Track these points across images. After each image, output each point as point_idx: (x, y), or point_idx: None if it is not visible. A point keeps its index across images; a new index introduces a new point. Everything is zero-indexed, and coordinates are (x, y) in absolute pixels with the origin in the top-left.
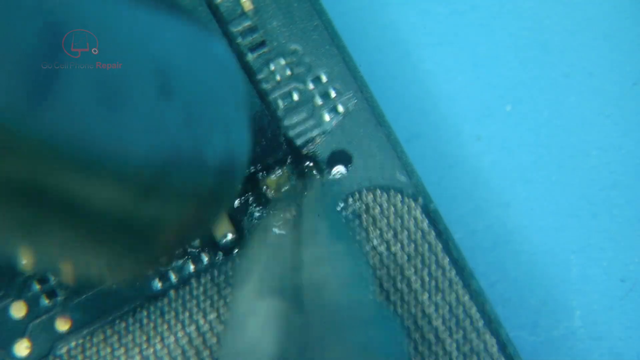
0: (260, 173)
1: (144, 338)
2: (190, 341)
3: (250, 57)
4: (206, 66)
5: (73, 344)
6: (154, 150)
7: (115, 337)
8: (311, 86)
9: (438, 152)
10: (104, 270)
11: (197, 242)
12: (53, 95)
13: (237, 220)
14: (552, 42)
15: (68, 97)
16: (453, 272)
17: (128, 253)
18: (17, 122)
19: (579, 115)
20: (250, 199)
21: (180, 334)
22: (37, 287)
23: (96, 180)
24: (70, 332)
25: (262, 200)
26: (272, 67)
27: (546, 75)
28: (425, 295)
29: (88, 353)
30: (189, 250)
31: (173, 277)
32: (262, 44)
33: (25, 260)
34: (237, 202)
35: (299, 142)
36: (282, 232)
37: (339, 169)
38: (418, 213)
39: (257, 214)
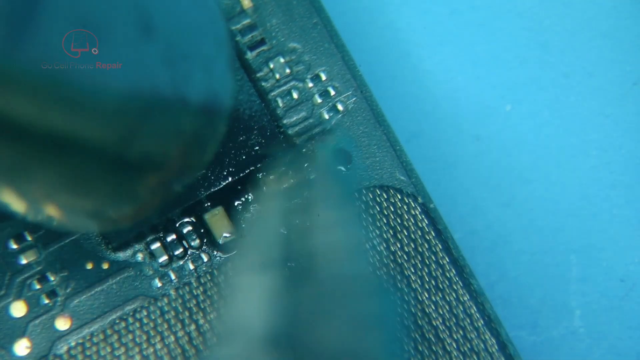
0: (260, 172)
1: (144, 338)
2: (190, 341)
3: (249, 55)
4: (185, 4)
5: (73, 343)
6: (134, 89)
7: (116, 337)
8: (310, 84)
9: (438, 151)
10: (90, 214)
11: (197, 243)
12: (32, 32)
13: (237, 220)
14: (552, 42)
15: (48, 33)
16: (453, 272)
17: (114, 196)
18: None
19: (578, 115)
20: (250, 198)
21: (180, 334)
22: (37, 286)
23: (76, 119)
24: (70, 332)
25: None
26: (272, 66)
27: (546, 75)
28: (425, 295)
29: (88, 353)
30: (189, 251)
31: (173, 277)
32: (261, 42)
33: (12, 202)
34: (237, 202)
35: (298, 140)
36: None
37: (338, 168)
38: (417, 212)
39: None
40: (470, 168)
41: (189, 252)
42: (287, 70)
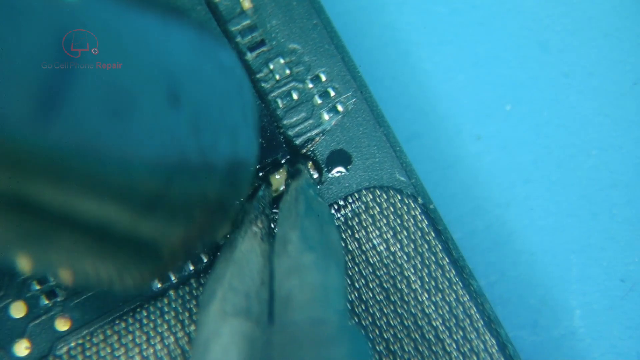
0: (260, 173)
1: (144, 338)
2: (190, 341)
3: (249, 56)
4: (213, 72)
5: (73, 344)
6: (161, 158)
7: (115, 337)
8: (310, 85)
9: (438, 151)
10: (111, 278)
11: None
12: (61, 105)
13: (237, 220)
14: (552, 41)
15: (77, 105)
16: (452, 272)
17: (136, 261)
18: (26, 132)
19: (578, 114)
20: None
21: (180, 334)
22: (36, 287)
23: (104, 189)
24: (70, 332)
25: None
26: (271, 66)
27: (546, 74)
28: (425, 295)
29: (88, 353)
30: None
31: (173, 277)
32: (261, 42)
33: (33, 269)
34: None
35: (298, 141)
36: (249, 246)
37: (338, 169)
38: (417, 213)
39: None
40: (470, 168)
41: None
42: (287, 71)
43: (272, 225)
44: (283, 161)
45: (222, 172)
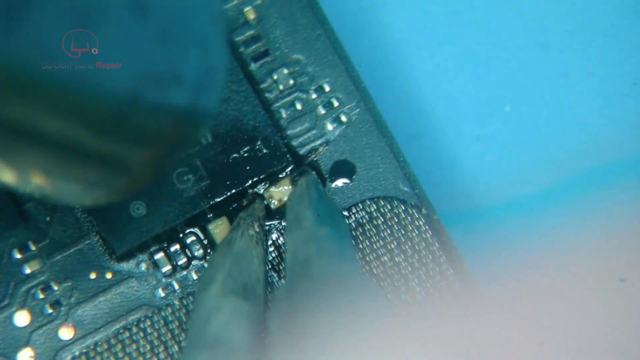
0: (263, 183)
1: (148, 347)
2: None
3: (253, 66)
4: None
5: (77, 353)
6: (128, 70)
7: (119, 347)
8: (314, 96)
9: (438, 152)
10: (82, 191)
11: (200, 253)
12: (23, 16)
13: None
14: (552, 42)
15: (39, 17)
16: (458, 284)
17: (106, 176)
18: None
19: (578, 115)
20: None
21: (184, 344)
22: (41, 296)
23: (68, 102)
24: (74, 342)
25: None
26: (275, 77)
27: (546, 75)
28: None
29: None
30: (193, 261)
31: (177, 287)
32: (265, 53)
33: (6, 177)
34: (240, 213)
35: (302, 151)
36: (246, 245)
37: (342, 179)
38: (421, 223)
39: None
40: (470, 168)
41: (192, 262)
42: (291, 82)
43: (267, 236)
44: (287, 171)
45: (192, 83)
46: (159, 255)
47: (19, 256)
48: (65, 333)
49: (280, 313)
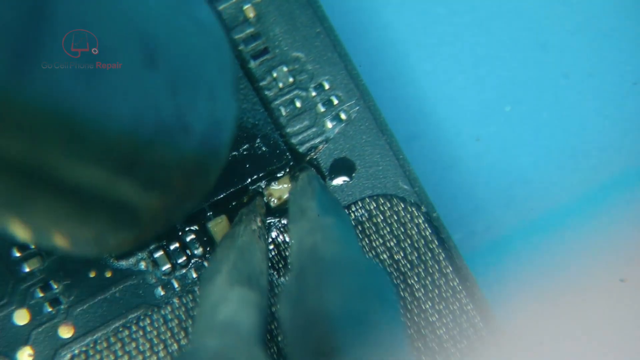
0: (263, 181)
1: (147, 346)
2: None
3: (252, 64)
4: (190, 29)
5: (76, 351)
6: (137, 119)
7: (119, 345)
8: (314, 93)
9: (437, 152)
10: (91, 242)
11: (200, 251)
12: (35, 65)
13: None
14: (552, 42)
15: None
16: (456, 281)
17: (114, 225)
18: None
19: (578, 115)
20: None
21: (183, 342)
22: (40, 294)
23: (79, 149)
24: (73, 340)
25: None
26: (275, 74)
27: (545, 75)
28: (428, 304)
29: None
30: (192, 259)
31: (176, 285)
32: (264, 51)
33: (17, 231)
34: (240, 210)
35: (301, 149)
36: (249, 239)
37: (341, 177)
38: (421, 221)
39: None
40: (470, 168)
41: (192, 261)
42: (290, 79)
43: (268, 232)
44: (287, 169)
45: (201, 133)
46: (159, 254)
47: (18, 254)
48: (65, 331)
49: (290, 298)
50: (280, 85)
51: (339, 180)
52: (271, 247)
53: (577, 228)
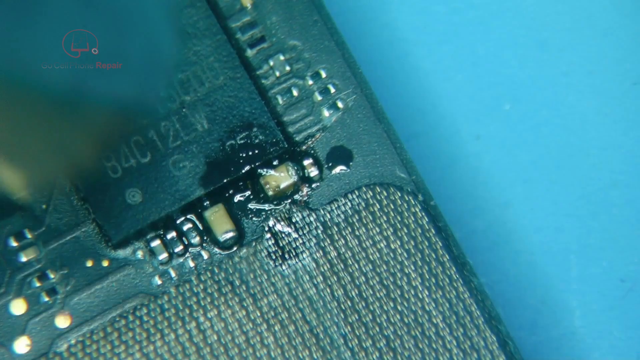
0: (260, 170)
1: (145, 335)
2: (190, 338)
3: (249, 52)
4: None
5: (73, 341)
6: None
7: (116, 335)
8: (310, 82)
9: (437, 151)
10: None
11: (197, 240)
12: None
13: (237, 217)
14: (552, 40)
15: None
16: (453, 269)
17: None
18: None
19: (578, 114)
20: (250, 196)
21: (180, 331)
22: (37, 284)
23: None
24: (70, 330)
25: (262, 198)
26: (272, 63)
27: (545, 73)
28: (425, 292)
29: (88, 350)
30: (189, 249)
31: (173, 274)
32: (261, 39)
33: None
34: (237, 199)
35: (298, 138)
36: None
37: (340, 167)
38: (418, 209)
39: (256, 211)
40: (469, 167)
41: (189, 250)
42: (287, 68)
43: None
44: (288, 158)
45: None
46: (155, 243)
47: (15, 244)
48: (62, 321)
49: None
50: (277, 73)
51: (337, 170)
52: (268, 235)
53: (576, 228)
